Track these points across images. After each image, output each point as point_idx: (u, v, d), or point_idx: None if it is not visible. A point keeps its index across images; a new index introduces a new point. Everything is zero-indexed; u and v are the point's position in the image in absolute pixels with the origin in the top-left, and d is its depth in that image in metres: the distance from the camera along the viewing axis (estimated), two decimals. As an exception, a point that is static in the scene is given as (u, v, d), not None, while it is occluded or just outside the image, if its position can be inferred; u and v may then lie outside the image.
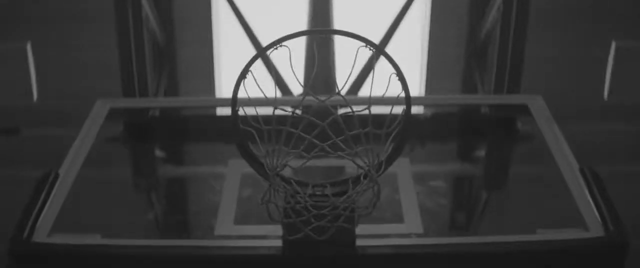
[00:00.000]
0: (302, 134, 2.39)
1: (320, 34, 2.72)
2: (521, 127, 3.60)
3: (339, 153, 2.39)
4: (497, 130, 3.63)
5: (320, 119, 2.41)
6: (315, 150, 2.39)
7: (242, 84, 2.45)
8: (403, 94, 2.43)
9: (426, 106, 3.71)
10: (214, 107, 3.76)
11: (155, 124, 3.61)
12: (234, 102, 2.44)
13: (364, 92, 3.86)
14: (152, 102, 3.62)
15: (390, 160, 2.49)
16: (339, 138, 2.36)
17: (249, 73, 2.46)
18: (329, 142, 2.37)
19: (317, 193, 2.50)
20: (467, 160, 3.54)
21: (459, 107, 3.78)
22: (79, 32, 4.31)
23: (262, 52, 2.45)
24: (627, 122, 4.11)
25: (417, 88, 4.38)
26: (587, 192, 2.84)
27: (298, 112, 2.38)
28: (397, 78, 2.48)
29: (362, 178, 2.48)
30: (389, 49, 4.13)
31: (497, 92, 3.78)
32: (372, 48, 2.45)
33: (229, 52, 4.48)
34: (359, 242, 2.54)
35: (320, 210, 2.43)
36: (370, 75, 2.42)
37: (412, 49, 4.45)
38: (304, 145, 2.40)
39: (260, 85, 2.42)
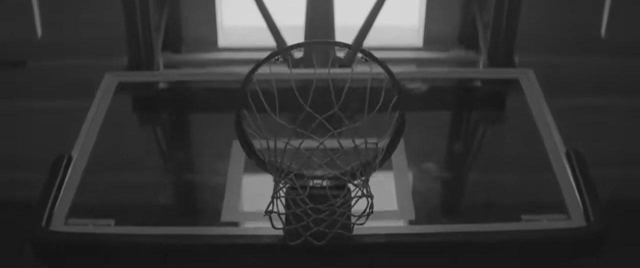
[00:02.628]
0: (303, 149, 2.52)
1: (323, 44, 2.80)
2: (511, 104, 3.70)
3: (336, 173, 2.54)
4: (488, 106, 3.73)
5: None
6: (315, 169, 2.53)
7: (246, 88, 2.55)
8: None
9: (421, 80, 3.78)
10: (221, 80, 3.82)
11: (163, 97, 3.72)
12: (239, 108, 2.56)
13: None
14: (159, 75, 3.72)
15: (382, 162, 2.65)
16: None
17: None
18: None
19: (317, 186, 2.65)
20: (459, 140, 3.65)
21: (453, 81, 3.85)
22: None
23: (262, 63, 2.55)
24: (623, 58, 4.21)
25: (416, 19, 4.45)
26: (571, 177, 2.98)
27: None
28: (392, 84, 2.57)
29: (358, 173, 2.63)
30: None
31: (494, 32, 3.86)
32: (369, 59, 2.54)
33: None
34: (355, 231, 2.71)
35: (318, 213, 2.59)
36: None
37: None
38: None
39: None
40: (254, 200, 2.97)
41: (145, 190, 3.19)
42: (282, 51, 2.56)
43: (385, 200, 2.93)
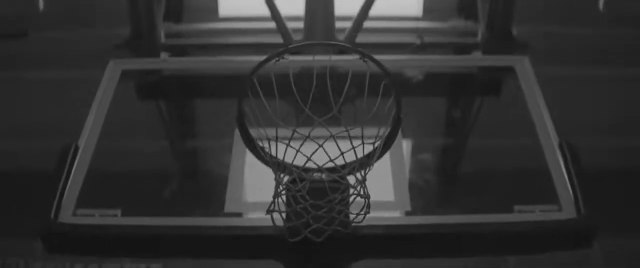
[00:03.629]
0: (304, 153, 2.61)
1: (321, 46, 2.85)
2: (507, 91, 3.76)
3: (334, 176, 2.63)
4: (484, 93, 3.79)
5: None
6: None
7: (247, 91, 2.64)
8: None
9: (417, 67, 3.83)
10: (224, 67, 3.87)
11: (166, 83, 3.79)
12: (241, 107, 2.65)
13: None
14: (162, 62, 3.77)
15: (378, 158, 2.74)
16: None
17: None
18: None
19: (316, 179, 2.75)
20: (454, 129, 3.72)
21: (449, 68, 3.91)
22: None
23: (262, 64, 2.62)
24: (621, 29, 4.27)
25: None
26: (563, 168, 3.06)
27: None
28: (389, 85, 2.65)
29: (355, 167, 2.73)
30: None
31: (493, 2, 3.91)
32: (366, 59, 2.61)
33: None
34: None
35: (317, 210, 2.70)
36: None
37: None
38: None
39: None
40: (257, 190, 3.06)
41: (150, 180, 3.28)
42: (282, 52, 2.61)
43: (382, 191, 3.01)
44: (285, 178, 2.72)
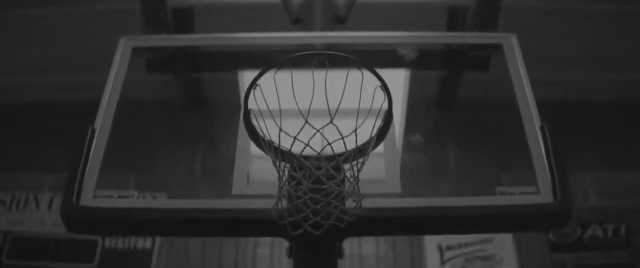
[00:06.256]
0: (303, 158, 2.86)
1: (319, 53, 3.04)
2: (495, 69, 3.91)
3: (330, 184, 2.90)
4: (473, 70, 3.94)
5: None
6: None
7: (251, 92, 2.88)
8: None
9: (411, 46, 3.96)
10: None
11: (175, 60, 3.95)
12: (246, 105, 2.91)
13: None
14: (173, 40, 3.92)
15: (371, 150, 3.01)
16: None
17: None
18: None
19: (314, 167, 3.03)
20: (444, 111, 3.90)
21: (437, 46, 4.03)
22: None
23: (264, 72, 2.85)
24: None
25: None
26: (543, 152, 3.30)
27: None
28: (382, 88, 2.89)
29: (354, 153, 3.00)
30: None
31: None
32: (360, 67, 2.83)
33: None
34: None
35: (316, 204, 2.98)
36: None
37: None
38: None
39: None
40: (264, 172, 3.30)
41: (164, 159, 3.52)
42: (283, 61, 2.82)
43: (373, 173, 3.26)
44: (286, 169, 2.98)
